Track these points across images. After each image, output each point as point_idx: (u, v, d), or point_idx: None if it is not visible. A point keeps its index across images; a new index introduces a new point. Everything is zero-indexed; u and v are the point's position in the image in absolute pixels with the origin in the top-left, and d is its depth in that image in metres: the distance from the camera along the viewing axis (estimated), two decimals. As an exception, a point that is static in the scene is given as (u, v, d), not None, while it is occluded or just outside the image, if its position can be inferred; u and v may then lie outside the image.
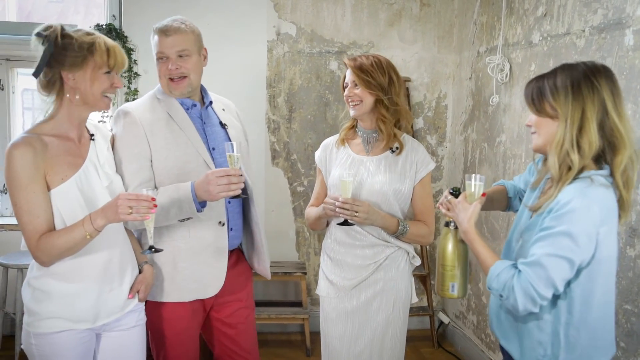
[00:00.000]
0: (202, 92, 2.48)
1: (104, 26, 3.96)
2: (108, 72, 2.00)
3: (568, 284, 1.75)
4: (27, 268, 3.60)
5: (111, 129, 2.33)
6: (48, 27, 1.97)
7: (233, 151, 2.17)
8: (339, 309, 2.51)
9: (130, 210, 1.87)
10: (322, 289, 2.57)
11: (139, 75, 4.05)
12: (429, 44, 4.35)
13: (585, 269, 1.73)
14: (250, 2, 4.14)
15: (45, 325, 1.99)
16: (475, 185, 1.98)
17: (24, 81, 4.34)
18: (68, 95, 1.97)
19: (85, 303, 2.03)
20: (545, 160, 1.90)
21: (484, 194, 1.99)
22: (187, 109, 2.39)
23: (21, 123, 4.37)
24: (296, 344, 4.26)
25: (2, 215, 4.23)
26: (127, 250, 2.18)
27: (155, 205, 1.93)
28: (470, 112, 4.05)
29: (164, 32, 2.28)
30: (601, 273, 1.75)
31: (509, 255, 1.97)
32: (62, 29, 1.97)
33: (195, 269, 2.37)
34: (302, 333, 4.28)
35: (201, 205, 2.23)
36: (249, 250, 2.59)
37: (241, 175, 2.16)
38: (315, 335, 4.07)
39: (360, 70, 2.43)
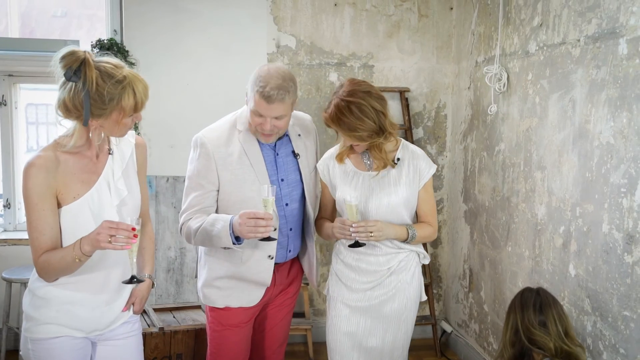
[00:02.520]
0: None
1: (105, 41, 4.00)
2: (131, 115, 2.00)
3: None
4: (31, 281, 3.62)
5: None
6: (77, 65, 1.89)
7: (268, 195, 2.25)
8: (351, 306, 2.59)
9: (110, 239, 1.85)
10: (334, 289, 2.65)
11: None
12: (427, 54, 4.39)
13: None
14: (251, 16, 4.18)
15: (43, 330, 2.03)
16: None
17: (27, 96, 4.38)
18: (91, 134, 2.00)
19: (83, 312, 2.06)
20: None
21: None
22: (261, 143, 2.51)
23: (25, 138, 4.41)
24: (299, 354, 4.26)
25: (5, 230, 4.25)
26: (128, 266, 2.20)
27: (136, 236, 1.89)
28: (470, 121, 4.07)
29: (267, 99, 2.33)
30: None
31: None
32: (98, 73, 1.90)
33: (239, 289, 2.55)
34: (305, 344, 4.29)
35: (237, 240, 2.33)
36: (303, 259, 2.73)
37: (271, 220, 2.23)
38: (318, 345, 4.07)
39: (350, 129, 2.39)
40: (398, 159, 2.54)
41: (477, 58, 3.94)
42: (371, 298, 2.57)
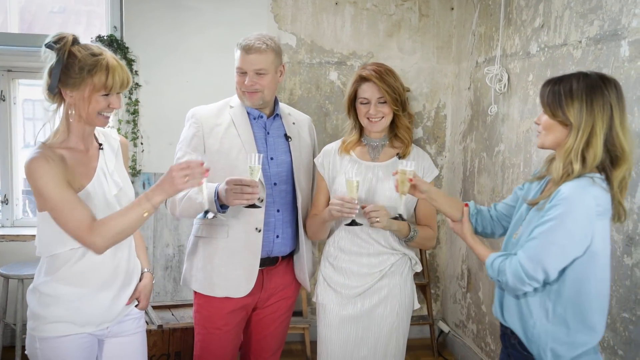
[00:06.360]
0: (275, 104, 2.62)
1: (105, 37, 3.99)
2: (106, 94, 2.00)
3: (563, 270, 1.85)
4: (28, 279, 3.64)
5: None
6: (59, 40, 1.97)
7: (254, 163, 2.25)
8: (342, 315, 2.53)
9: (187, 179, 1.95)
10: (323, 296, 2.58)
11: (140, 86, 4.08)
12: (427, 54, 4.39)
13: (580, 258, 1.82)
14: (251, 14, 4.17)
15: (51, 329, 2.02)
16: (406, 172, 2.21)
17: (25, 92, 4.37)
18: (71, 111, 2.00)
19: (92, 307, 2.07)
20: (551, 160, 2.03)
21: (410, 180, 2.23)
22: (253, 119, 2.55)
23: (22, 133, 4.40)
24: (296, 353, 4.26)
25: (3, 226, 4.24)
26: (133, 258, 2.22)
27: (207, 169, 2.02)
28: (469, 122, 4.07)
29: (245, 49, 2.45)
30: (598, 265, 1.85)
31: (508, 249, 2.06)
32: (73, 43, 1.97)
33: (229, 268, 2.50)
34: (303, 342, 4.29)
35: (223, 207, 2.33)
36: (295, 258, 2.68)
37: (256, 187, 2.23)
38: (316, 344, 4.07)
39: (388, 87, 2.44)
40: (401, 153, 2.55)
41: (477, 58, 3.93)
42: (363, 305, 2.51)
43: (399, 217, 2.33)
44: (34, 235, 2.11)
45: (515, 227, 2.05)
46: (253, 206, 2.27)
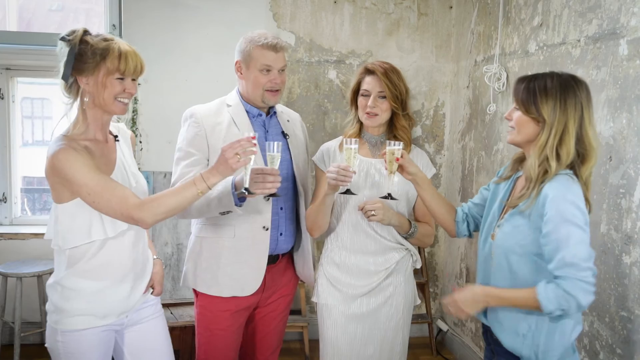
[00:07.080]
0: None
1: (104, 36, 3.99)
2: (121, 78, 2.02)
3: None
4: (27, 277, 3.63)
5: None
6: (72, 32, 2.00)
7: (273, 151, 2.22)
8: (347, 314, 2.53)
9: (239, 157, 1.99)
10: (327, 296, 2.56)
11: (139, 84, 4.06)
12: (426, 53, 4.39)
13: None
14: (250, 13, 4.17)
15: (74, 322, 2.06)
16: (394, 152, 2.22)
17: (24, 90, 4.37)
18: (86, 99, 2.02)
19: (112, 298, 2.11)
20: (517, 159, 2.09)
21: (397, 159, 2.22)
22: (252, 117, 2.54)
23: (21, 132, 4.39)
24: (295, 352, 4.26)
25: (1, 224, 4.23)
26: (147, 249, 2.27)
27: (255, 145, 2.04)
28: (468, 120, 4.07)
29: (274, 47, 2.44)
30: None
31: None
32: (84, 33, 2.00)
33: (236, 267, 2.49)
34: (301, 341, 4.29)
35: (240, 200, 2.29)
36: (297, 255, 2.68)
37: (278, 175, 2.19)
38: (314, 343, 4.08)
39: (391, 82, 2.45)
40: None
41: (476, 57, 3.94)
42: (369, 304, 2.52)
43: (389, 196, 2.31)
44: (33, 234, 2.12)
45: (491, 228, 2.06)
46: (274, 195, 2.23)
